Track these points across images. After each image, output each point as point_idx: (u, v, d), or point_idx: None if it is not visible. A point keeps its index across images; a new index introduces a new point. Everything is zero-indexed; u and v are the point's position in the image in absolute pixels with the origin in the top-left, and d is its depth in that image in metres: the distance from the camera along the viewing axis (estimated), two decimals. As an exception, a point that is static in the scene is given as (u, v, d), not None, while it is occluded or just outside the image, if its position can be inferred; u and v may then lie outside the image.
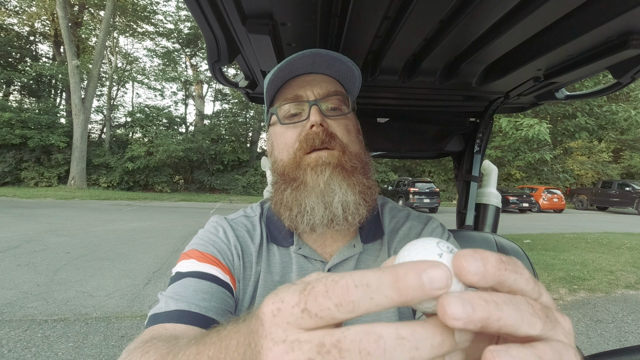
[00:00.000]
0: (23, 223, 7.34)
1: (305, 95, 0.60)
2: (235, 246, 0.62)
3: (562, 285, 4.32)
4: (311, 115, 0.58)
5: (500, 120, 7.76)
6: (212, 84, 23.35)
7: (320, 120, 0.57)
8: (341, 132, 0.60)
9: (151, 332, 0.48)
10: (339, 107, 0.61)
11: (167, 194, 17.99)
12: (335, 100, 0.61)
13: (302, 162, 0.58)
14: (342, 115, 0.61)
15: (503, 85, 1.11)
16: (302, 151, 0.58)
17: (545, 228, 10.00)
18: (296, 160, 0.58)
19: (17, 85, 19.70)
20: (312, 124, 0.58)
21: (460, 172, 1.50)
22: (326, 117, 0.59)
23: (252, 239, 0.65)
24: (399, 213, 0.71)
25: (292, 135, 0.60)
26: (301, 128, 0.59)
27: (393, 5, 0.66)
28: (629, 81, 0.84)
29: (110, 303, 3.27)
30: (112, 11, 17.33)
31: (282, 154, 0.61)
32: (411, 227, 0.68)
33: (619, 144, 22.35)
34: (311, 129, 0.58)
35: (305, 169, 0.57)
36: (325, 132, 0.58)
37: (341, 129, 0.60)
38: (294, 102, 0.60)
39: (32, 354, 2.34)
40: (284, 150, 0.61)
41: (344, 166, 0.57)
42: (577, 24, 0.68)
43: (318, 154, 0.57)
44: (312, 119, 0.58)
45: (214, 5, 0.62)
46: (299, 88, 0.60)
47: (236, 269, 0.61)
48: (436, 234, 0.68)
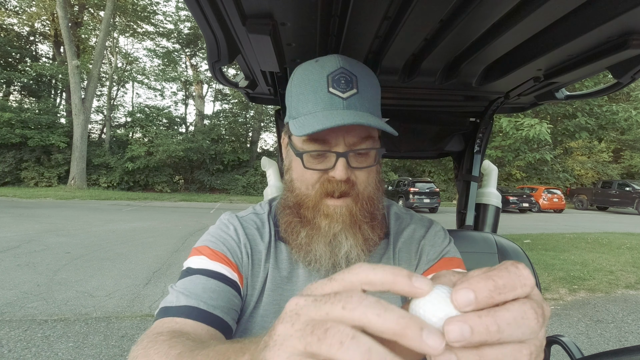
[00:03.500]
0: (23, 223, 7.34)
1: (335, 143, 0.57)
2: (245, 244, 0.64)
3: (562, 285, 4.32)
4: (337, 169, 0.56)
5: (501, 120, 7.76)
6: (212, 84, 23.36)
7: (345, 174, 0.57)
8: (361, 180, 0.60)
9: (165, 325, 0.52)
10: (367, 155, 0.60)
11: (167, 194, 17.99)
12: (363, 147, 0.58)
13: (319, 204, 0.59)
14: (367, 166, 0.60)
15: (503, 85, 1.10)
16: (321, 195, 0.59)
17: (545, 228, 10.00)
18: (314, 202, 0.59)
19: (17, 86, 19.71)
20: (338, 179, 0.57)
21: (461, 172, 1.50)
22: (351, 168, 0.58)
23: (261, 236, 0.67)
24: (403, 216, 0.73)
25: (314, 176, 0.59)
26: (324, 173, 0.59)
27: (393, 5, 0.66)
28: (629, 81, 0.84)
29: (110, 303, 3.28)
30: (112, 11, 17.34)
31: (302, 187, 0.61)
32: (415, 230, 0.70)
33: (619, 144, 22.36)
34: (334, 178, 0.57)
35: (320, 214, 0.59)
36: (347, 183, 0.58)
37: (362, 178, 0.60)
38: (322, 148, 0.57)
39: (32, 354, 2.34)
40: (303, 185, 0.61)
41: (355, 218, 0.59)
42: (577, 24, 0.68)
43: (335, 204, 0.58)
44: (338, 174, 0.56)
45: (214, 5, 0.62)
46: (331, 132, 0.56)
47: (244, 267, 0.63)
48: (438, 237, 0.69)
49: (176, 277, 3.24)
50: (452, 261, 0.65)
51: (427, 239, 0.68)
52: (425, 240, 0.68)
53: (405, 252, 0.67)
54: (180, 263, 4.78)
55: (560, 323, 3.25)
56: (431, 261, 0.65)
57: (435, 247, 0.67)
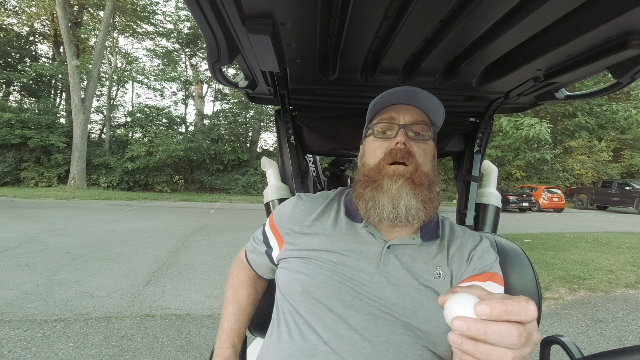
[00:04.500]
0: (23, 223, 7.34)
1: (398, 119, 0.76)
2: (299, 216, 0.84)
3: (562, 284, 4.33)
4: (398, 135, 0.74)
5: (501, 120, 7.76)
6: (212, 84, 23.34)
7: (404, 140, 0.73)
8: (419, 153, 0.74)
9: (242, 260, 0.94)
10: (421, 133, 0.76)
11: (167, 193, 17.99)
12: (419, 128, 0.76)
13: (383, 169, 0.73)
14: (422, 141, 0.76)
15: (503, 86, 1.10)
16: (385, 161, 0.74)
17: (545, 227, 10.00)
18: (379, 167, 0.74)
19: (16, 86, 19.68)
20: (397, 142, 0.73)
21: (460, 172, 1.50)
22: (410, 139, 0.74)
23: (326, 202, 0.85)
24: (457, 228, 0.84)
25: (381, 147, 0.76)
26: (389, 143, 0.75)
27: (393, 5, 0.66)
28: (628, 81, 0.84)
29: (110, 303, 3.28)
30: (112, 11, 17.32)
31: (370, 160, 0.77)
32: (467, 241, 0.79)
33: (619, 144, 22.36)
34: (396, 145, 0.73)
35: (384, 176, 0.72)
36: (406, 151, 0.73)
37: (419, 151, 0.74)
38: (389, 122, 0.76)
39: (32, 354, 2.34)
40: (372, 158, 0.77)
41: (414, 180, 0.71)
42: (577, 24, 0.68)
43: (397, 166, 0.72)
44: (398, 138, 0.73)
45: (214, 5, 0.62)
46: (394, 112, 0.76)
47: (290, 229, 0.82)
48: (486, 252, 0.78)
49: (176, 277, 3.27)
50: (494, 276, 0.74)
51: (476, 251, 0.77)
52: (475, 252, 0.77)
53: (458, 257, 0.76)
54: (180, 263, 4.79)
55: (560, 322, 3.25)
56: (477, 271, 0.74)
57: (482, 260, 0.75)
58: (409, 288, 0.69)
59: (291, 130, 1.37)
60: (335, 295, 0.69)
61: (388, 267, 0.72)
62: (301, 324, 0.70)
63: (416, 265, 0.73)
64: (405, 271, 0.71)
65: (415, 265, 0.73)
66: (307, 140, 1.44)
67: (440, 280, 0.71)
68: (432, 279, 0.71)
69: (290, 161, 1.39)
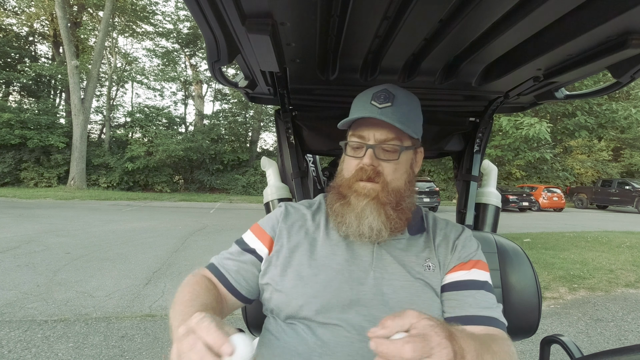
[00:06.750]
0: (23, 223, 7.33)
1: (367, 137, 0.77)
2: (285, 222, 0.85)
3: (562, 284, 4.33)
4: (365, 157, 0.75)
5: (501, 120, 7.76)
6: (211, 83, 23.33)
7: (371, 162, 0.75)
8: (387, 172, 0.76)
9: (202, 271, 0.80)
10: (392, 151, 0.76)
11: (167, 194, 17.98)
12: (389, 147, 0.76)
13: (352, 185, 0.76)
14: (392, 160, 0.77)
15: (503, 85, 1.10)
16: (355, 178, 0.76)
17: (545, 227, 10.01)
18: (349, 182, 0.77)
19: (16, 86, 19.67)
20: (364, 163, 0.75)
21: (460, 172, 1.50)
22: (378, 159, 0.76)
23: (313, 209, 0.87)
24: (439, 221, 0.88)
25: (353, 163, 0.78)
26: (359, 160, 0.77)
27: (393, 5, 0.66)
28: (628, 80, 0.84)
29: (110, 303, 3.28)
30: (111, 11, 17.31)
31: (344, 172, 0.80)
32: (450, 232, 0.83)
33: (618, 143, 22.36)
34: (364, 165, 0.75)
35: (353, 192, 0.76)
36: (374, 171, 0.75)
37: (388, 169, 0.76)
38: (359, 140, 0.78)
39: (32, 354, 2.34)
40: (345, 170, 0.80)
41: (380, 199, 0.74)
42: (577, 24, 0.68)
43: (364, 184, 0.75)
44: (365, 160, 0.75)
45: (214, 5, 0.62)
46: (365, 129, 0.77)
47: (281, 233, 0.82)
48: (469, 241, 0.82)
49: (176, 277, 3.27)
50: (477, 263, 0.78)
51: (460, 240, 0.81)
52: (459, 241, 0.81)
53: (443, 247, 0.80)
54: (180, 263, 4.79)
55: (560, 322, 3.25)
56: (462, 259, 0.78)
57: (465, 249, 0.79)
58: (404, 282, 0.73)
59: (291, 130, 1.37)
60: (335, 302, 0.70)
61: (382, 262, 0.75)
62: (300, 329, 0.71)
63: (408, 259, 0.76)
64: (398, 265, 0.75)
65: (407, 258, 0.77)
66: (307, 140, 1.44)
67: (431, 272, 0.75)
68: (423, 271, 0.75)
69: (290, 161, 1.39)
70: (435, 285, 0.74)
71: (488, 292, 0.74)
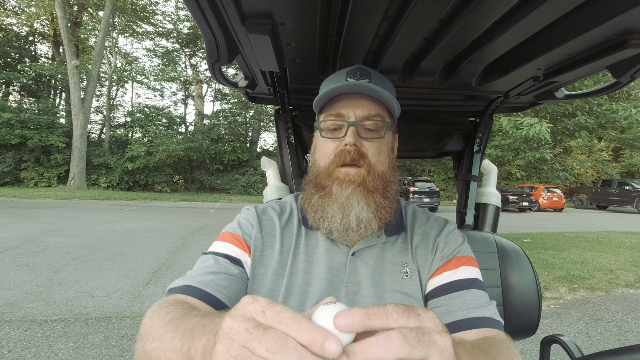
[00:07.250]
0: (23, 223, 7.33)
1: (347, 115, 0.68)
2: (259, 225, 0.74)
3: (562, 284, 4.33)
4: (347, 135, 0.66)
5: (501, 120, 7.75)
6: (211, 83, 23.34)
7: (354, 141, 0.66)
8: (372, 153, 0.67)
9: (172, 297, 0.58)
10: (375, 130, 0.68)
11: (167, 193, 17.98)
12: (373, 124, 0.68)
13: (333, 173, 0.67)
14: (377, 139, 0.68)
15: (503, 85, 1.10)
16: (335, 163, 0.67)
17: (545, 227, 10.01)
18: (329, 171, 0.67)
19: (16, 86, 19.68)
20: (346, 143, 0.66)
21: (460, 172, 1.50)
22: (361, 138, 0.67)
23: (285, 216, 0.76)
24: (420, 215, 0.79)
25: (330, 147, 0.68)
26: (338, 142, 0.67)
27: (392, 4, 0.66)
28: (628, 80, 0.84)
29: (110, 303, 3.28)
30: (112, 11, 17.31)
31: (319, 160, 0.71)
32: (431, 228, 0.75)
33: (618, 143, 22.36)
34: (345, 146, 0.66)
35: (334, 180, 0.66)
36: (357, 152, 0.66)
37: (373, 150, 0.67)
38: (337, 119, 0.69)
39: (32, 354, 2.34)
40: (321, 158, 0.70)
41: (366, 185, 0.65)
42: (577, 23, 0.68)
43: (347, 169, 0.66)
44: (347, 139, 0.66)
45: (214, 5, 0.62)
46: (343, 107, 0.68)
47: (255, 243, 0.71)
48: (452, 236, 0.74)
49: (176, 277, 3.26)
50: (462, 259, 0.70)
51: (441, 237, 0.73)
52: (440, 238, 0.73)
53: (422, 248, 0.72)
54: (181, 263, 4.79)
55: (560, 322, 3.25)
56: (445, 258, 0.70)
57: (448, 246, 0.72)
58: (376, 299, 0.66)
59: (291, 130, 1.37)
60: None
61: (355, 276, 0.68)
62: None
63: (383, 268, 0.69)
64: (371, 279, 0.68)
65: (382, 267, 0.69)
66: (307, 140, 1.44)
67: (408, 279, 0.68)
68: (399, 279, 0.68)
69: (290, 161, 1.39)
70: (414, 293, 0.67)
71: (479, 289, 0.66)
